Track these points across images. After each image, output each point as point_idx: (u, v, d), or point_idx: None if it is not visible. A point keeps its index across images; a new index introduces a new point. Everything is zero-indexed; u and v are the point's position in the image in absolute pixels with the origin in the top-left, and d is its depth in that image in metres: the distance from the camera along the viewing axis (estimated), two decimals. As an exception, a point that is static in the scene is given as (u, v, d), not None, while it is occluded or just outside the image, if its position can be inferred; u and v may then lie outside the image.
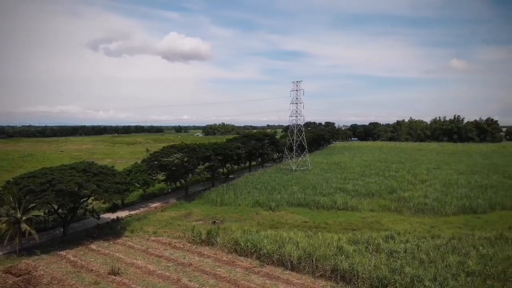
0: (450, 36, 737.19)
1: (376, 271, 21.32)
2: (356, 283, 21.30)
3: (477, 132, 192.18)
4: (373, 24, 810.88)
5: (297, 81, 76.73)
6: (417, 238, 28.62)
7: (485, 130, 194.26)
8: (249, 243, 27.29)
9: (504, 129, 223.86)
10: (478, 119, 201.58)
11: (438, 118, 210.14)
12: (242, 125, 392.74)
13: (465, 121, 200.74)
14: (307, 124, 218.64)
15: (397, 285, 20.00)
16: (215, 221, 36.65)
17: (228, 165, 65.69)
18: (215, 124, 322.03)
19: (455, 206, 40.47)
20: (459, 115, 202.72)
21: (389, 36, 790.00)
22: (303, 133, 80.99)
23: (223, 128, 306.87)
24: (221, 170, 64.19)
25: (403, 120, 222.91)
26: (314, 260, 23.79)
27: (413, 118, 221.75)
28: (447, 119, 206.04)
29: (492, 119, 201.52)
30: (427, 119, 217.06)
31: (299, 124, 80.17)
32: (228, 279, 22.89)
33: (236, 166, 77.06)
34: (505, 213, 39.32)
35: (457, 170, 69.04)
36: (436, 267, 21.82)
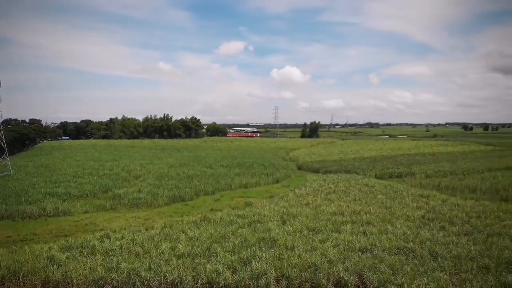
0: (157, 39, 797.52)
1: (92, 274, 20.42)
2: (70, 291, 19.75)
3: (184, 129, 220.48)
4: (82, 17, 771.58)
5: (-12, 69, 63.27)
6: (132, 232, 29.28)
7: (190, 127, 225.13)
8: None
9: (205, 126, 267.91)
10: (184, 118, 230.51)
11: (150, 116, 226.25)
12: None
13: (173, 119, 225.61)
14: (7, 122, 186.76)
15: (114, 282, 19.87)
16: None
17: None
18: None
19: (167, 197, 44.04)
20: (168, 114, 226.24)
21: (98, 32, 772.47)
22: (1, 132, 67.86)
23: None
24: None
25: (116, 117, 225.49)
26: (21, 277, 20.38)
27: (126, 116, 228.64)
28: (158, 117, 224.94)
29: (196, 118, 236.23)
30: (140, 117, 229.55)
31: (-7, 121, 66.53)
32: None
33: None
34: (207, 198, 46.07)
35: (167, 164, 75.62)
36: (150, 257, 22.98)
